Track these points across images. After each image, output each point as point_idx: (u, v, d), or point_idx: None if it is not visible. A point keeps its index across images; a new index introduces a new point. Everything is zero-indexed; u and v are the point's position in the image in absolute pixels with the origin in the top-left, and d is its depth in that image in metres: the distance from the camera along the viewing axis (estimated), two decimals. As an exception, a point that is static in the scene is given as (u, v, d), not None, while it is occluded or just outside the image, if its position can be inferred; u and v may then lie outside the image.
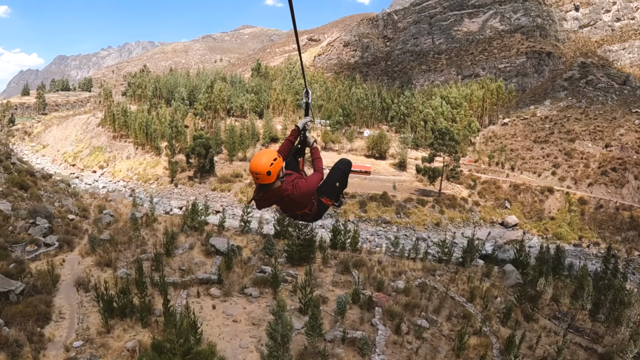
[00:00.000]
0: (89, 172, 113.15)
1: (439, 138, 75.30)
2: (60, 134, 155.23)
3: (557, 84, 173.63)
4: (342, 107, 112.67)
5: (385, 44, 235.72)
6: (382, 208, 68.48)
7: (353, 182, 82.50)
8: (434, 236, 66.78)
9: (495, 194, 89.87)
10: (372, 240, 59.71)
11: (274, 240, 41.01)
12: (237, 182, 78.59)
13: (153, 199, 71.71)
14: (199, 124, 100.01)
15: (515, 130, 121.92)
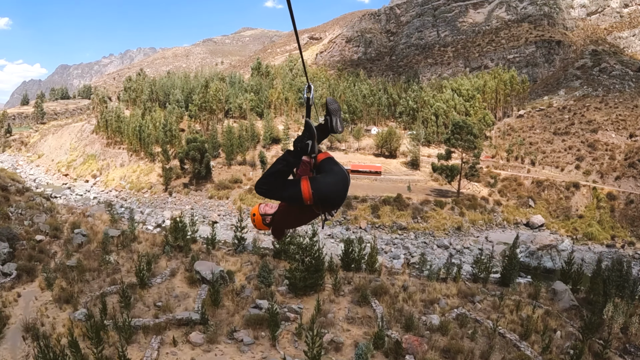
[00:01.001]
0: (82, 181, 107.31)
1: (455, 133, 68.14)
2: (55, 142, 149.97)
3: (570, 73, 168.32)
4: (347, 104, 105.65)
5: (389, 38, 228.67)
6: (397, 212, 61.45)
7: (363, 184, 75.48)
8: (456, 242, 59.71)
9: (517, 191, 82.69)
10: (388, 251, 52.68)
11: (274, 261, 34.20)
12: (236, 188, 71.90)
13: (133, 214, 65.26)
14: (194, 126, 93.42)
15: (533, 122, 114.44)
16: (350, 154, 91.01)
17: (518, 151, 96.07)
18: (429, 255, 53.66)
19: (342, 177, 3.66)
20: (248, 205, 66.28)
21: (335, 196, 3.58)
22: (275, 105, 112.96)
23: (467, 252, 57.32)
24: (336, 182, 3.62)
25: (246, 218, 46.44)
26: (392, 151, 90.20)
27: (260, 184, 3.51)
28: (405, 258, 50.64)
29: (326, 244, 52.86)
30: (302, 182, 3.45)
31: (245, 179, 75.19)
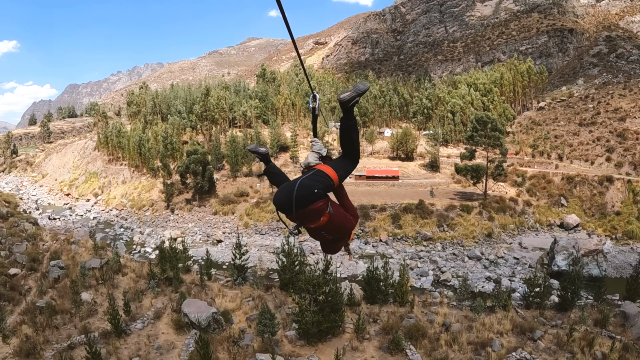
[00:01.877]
0: (84, 200, 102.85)
1: (478, 129, 61.78)
2: (58, 161, 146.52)
3: (586, 61, 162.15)
4: (357, 106, 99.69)
5: (396, 38, 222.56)
6: (420, 221, 55.11)
7: (380, 190, 69.37)
8: (488, 251, 53.14)
9: (547, 189, 75.88)
10: (414, 267, 46.29)
11: (281, 294, 28.27)
12: (242, 202, 66.22)
13: (117, 239, 60.24)
14: (196, 138, 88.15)
15: (556, 114, 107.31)
16: (363, 158, 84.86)
17: (544, 146, 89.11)
18: (460, 268, 47.26)
19: (287, 185, 3.69)
20: (255, 221, 60.55)
21: (276, 200, 3.65)
22: (282, 112, 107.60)
23: (502, 262, 50.77)
24: (281, 189, 3.69)
25: (248, 238, 40.81)
26: (408, 153, 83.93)
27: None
28: (434, 275, 44.27)
29: (343, 262, 46.78)
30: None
31: (252, 191, 69.47)
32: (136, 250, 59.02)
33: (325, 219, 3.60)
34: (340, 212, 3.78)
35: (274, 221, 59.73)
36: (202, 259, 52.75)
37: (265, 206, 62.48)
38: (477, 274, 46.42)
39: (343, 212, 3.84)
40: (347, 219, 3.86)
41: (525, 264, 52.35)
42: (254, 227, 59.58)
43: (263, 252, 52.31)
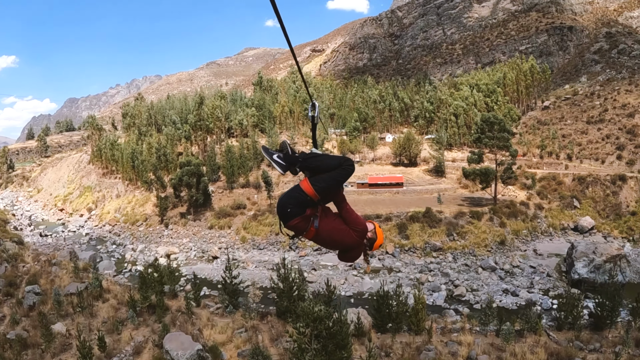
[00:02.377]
0: (78, 215, 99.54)
1: (486, 130, 58.56)
2: (54, 176, 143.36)
3: (587, 59, 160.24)
4: (357, 111, 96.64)
5: (393, 42, 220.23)
6: (428, 230, 51.68)
7: (384, 198, 66.06)
8: (502, 260, 49.63)
9: (559, 191, 72.62)
10: (425, 281, 42.75)
11: (278, 323, 24.87)
12: (239, 214, 62.86)
13: (97, 259, 56.50)
14: (190, 149, 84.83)
15: (562, 113, 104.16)
16: (365, 165, 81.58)
17: (552, 146, 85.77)
18: (474, 281, 43.77)
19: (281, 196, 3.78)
20: (253, 235, 57.15)
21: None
22: (280, 120, 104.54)
23: (518, 272, 47.29)
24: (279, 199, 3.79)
25: (245, 254, 37.81)
26: (412, 158, 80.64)
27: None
28: (447, 289, 40.74)
29: (348, 277, 43.31)
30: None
31: (249, 203, 66.15)
32: (127, 269, 55.57)
33: (312, 234, 3.66)
34: (332, 227, 3.69)
35: (272, 235, 56.34)
36: (195, 278, 49.36)
37: (263, 219, 59.15)
38: (492, 286, 42.95)
39: (337, 226, 3.72)
40: (344, 233, 3.72)
41: (543, 272, 48.94)
42: (251, 241, 56.20)
43: (261, 268, 48.88)
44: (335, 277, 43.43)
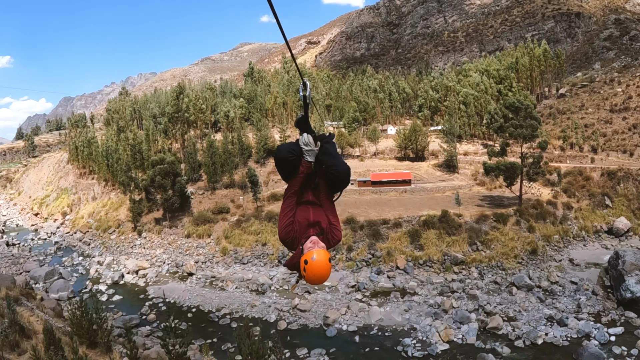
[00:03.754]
0: (52, 220, 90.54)
1: (511, 117, 49.55)
2: (35, 177, 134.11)
3: (598, 45, 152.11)
4: (356, 101, 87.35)
5: (392, 31, 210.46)
6: (447, 238, 42.66)
7: (390, 198, 57.00)
8: (536, 274, 40.68)
9: (587, 188, 63.71)
10: (449, 308, 33.55)
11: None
12: (220, 220, 53.70)
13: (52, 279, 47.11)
14: (168, 144, 75.28)
15: (581, 101, 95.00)
16: (367, 160, 72.44)
17: (576, 137, 76.73)
18: (509, 305, 34.76)
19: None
20: (235, 246, 47.96)
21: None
22: (273, 113, 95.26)
23: (558, 290, 38.40)
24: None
25: (225, 269, 29.11)
26: (418, 152, 71.51)
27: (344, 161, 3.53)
28: (478, 320, 31.65)
29: (351, 304, 34.21)
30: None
31: (233, 206, 56.97)
32: (86, 289, 46.48)
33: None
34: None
35: (258, 245, 47.28)
36: (165, 300, 40.36)
37: (248, 226, 50.01)
38: (533, 312, 34.04)
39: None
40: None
41: (587, 289, 40.17)
42: (233, 253, 47.08)
43: (243, 289, 39.82)
44: (334, 303, 34.52)
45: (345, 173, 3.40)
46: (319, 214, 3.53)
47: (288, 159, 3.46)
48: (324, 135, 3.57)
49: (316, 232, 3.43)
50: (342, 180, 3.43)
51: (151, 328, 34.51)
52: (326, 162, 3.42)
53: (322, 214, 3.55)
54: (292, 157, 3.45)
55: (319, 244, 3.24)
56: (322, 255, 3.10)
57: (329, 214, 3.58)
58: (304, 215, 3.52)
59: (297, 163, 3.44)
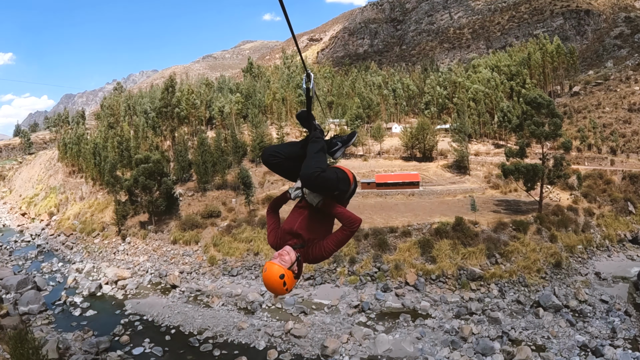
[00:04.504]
0: (39, 221, 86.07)
1: (532, 115, 44.67)
2: (26, 175, 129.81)
3: (608, 44, 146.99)
4: (359, 96, 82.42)
5: (396, 27, 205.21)
6: (462, 249, 37.78)
7: (397, 202, 52.14)
8: (562, 291, 35.82)
9: (608, 192, 58.95)
10: (467, 335, 28.61)
11: None
12: (210, 225, 48.83)
13: (24, 288, 42.74)
14: (157, 141, 70.20)
15: (598, 99, 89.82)
16: (371, 160, 67.50)
17: (594, 137, 71.75)
18: (536, 330, 29.91)
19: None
20: (224, 255, 43.09)
21: (356, 185, 3.52)
22: (271, 110, 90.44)
23: (588, 311, 33.53)
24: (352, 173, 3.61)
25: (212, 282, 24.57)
26: (426, 152, 66.63)
27: (318, 164, 3.20)
28: (502, 351, 26.69)
29: (353, 330, 29.31)
30: (342, 167, 3.45)
31: (224, 210, 52.08)
32: (60, 301, 41.72)
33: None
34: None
35: (249, 255, 42.40)
36: (142, 318, 35.56)
37: (238, 232, 45.11)
38: (563, 338, 29.22)
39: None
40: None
41: (620, 309, 35.31)
42: (222, 263, 42.23)
43: (230, 307, 34.96)
44: (334, 327, 29.68)
45: (307, 177, 3.15)
46: (305, 223, 3.40)
47: (270, 163, 3.41)
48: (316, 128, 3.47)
49: (294, 243, 3.35)
50: (307, 185, 3.23)
51: (122, 353, 29.80)
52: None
53: (310, 223, 3.41)
54: (274, 160, 3.39)
55: (282, 258, 3.17)
56: (270, 271, 3.07)
57: (318, 225, 3.42)
58: (290, 223, 3.46)
59: (284, 166, 3.39)
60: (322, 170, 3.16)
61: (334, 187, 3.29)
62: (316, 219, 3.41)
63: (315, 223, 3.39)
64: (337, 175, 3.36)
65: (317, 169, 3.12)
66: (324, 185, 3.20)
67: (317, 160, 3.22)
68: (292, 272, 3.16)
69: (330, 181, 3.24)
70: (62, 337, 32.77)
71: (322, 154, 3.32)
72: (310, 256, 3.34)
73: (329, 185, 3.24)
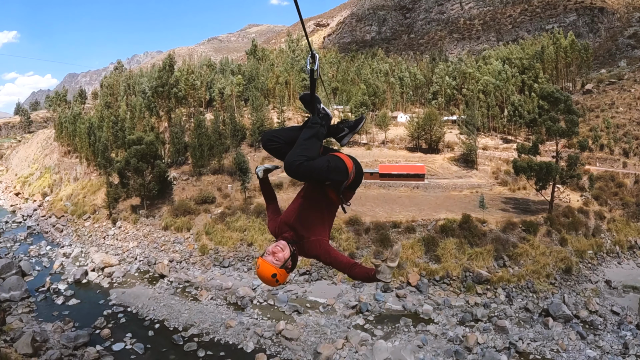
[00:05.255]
0: (32, 201, 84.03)
1: (548, 110, 42.09)
2: (23, 153, 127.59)
3: (622, 43, 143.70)
4: (365, 83, 79.60)
5: (404, 15, 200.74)
6: (468, 249, 35.49)
7: (400, 195, 49.81)
8: (572, 300, 33.66)
9: (620, 196, 56.24)
10: (472, 346, 26.40)
11: None
12: (203, 212, 46.58)
13: (7, 273, 40.43)
14: (155, 123, 67.58)
15: (611, 99, 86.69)
16: (374, 149, 65.01)
17: (608, 138, 69.01)
18: (545, 343, 27.76)
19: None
20: (217, 244, 40.92)
21: (362, 174, 3.41)
22: (273, 94, 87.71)
23: (599, 322, 31.38)
24: (357, 161, 3.44)
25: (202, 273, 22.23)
26: (432, 143, 64.06)
27: (303, 153, 3.02)
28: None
29: (350, 334, 27.13)
30: (340, 155, 3.29)
31: (219, 195, 49.79)
32: (44, 287, 39.61)
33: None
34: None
35: (243, 245, 40.18)
36: (126, 310, 33.47)
37: (232, 221, 42.83)
38: (573, 352, 27.08)
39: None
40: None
41: (631, 322, 33.19)
42: (213, 253, 40.08)
43: (219, 301, 32.84)
44: (329, 330, 27.55)
45: (287, 166, 3.00)
46: (303, 217, 3.32)
47: (269, 147, 3.35)
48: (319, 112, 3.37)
49: (290, 236, 3.31)
50: (290, 174, 3.04)
51: (101, 349, 27.75)
52: None
53: (307, 217, 3.32)
54: (273, 145, 3.33)
55: (275, 256, 3.16)
56: (262, 269, 3.11)
57: (316, 222, 3.32)
58: (289, 213, 3.40)
59: (283, 150, 3.25)
60: (307, 158, 2.99)
61: (322, 177, 3.10)
62: (315, 213, 3.29)
63: (313, 218, 3.28)
64: (328, 164, 3.14)
65: (300, 158, 2.97)
66: (309, 175, 3.03)
67: (303, 148, 3.07)
68: (285, 269, 3.16)
69: (317, 171, 3.04)
70: (41, 328, 30.75)
71: (313, 140, 3.15)
72: (306, 252, 3.28)
73: (316, 175, 3.05)
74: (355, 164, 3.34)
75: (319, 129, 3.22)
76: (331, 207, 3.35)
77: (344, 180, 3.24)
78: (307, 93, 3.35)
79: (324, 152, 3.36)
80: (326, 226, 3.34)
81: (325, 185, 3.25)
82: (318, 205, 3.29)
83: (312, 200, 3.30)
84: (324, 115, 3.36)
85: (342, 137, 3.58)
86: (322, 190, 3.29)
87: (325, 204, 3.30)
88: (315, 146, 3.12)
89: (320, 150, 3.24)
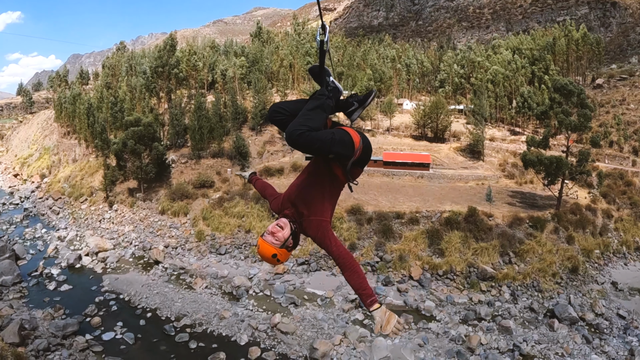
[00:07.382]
0: (31, 182, 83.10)
1: (560, 102, 40.51)
2: (23, 134, 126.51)
3: (633, 39, 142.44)
4: (371, 68, 77.75)
5: (413, 1, 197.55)
6: (474, 244, 34.29)
7: (404, 184, 48.56)
8: (578, 301, 32.49)
9: (628, 194, 54.93)
10: (475, 346, 25.27)
11: None
12: (201, 196, 45.42)
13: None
14: (155, 104, 66.04)
15: (622, 94, 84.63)
16: (379, 136, 63.51)
17: (618, 134, 67.32)
18: (550, 346, 26.75)
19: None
20: (214, 230, 39.83)
21: (370, 150, 3.29)
22: (277, 77, 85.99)
23: (605, 326, 30.23)
24: (366, 137, 3.29)
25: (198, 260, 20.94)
26: (438, 132, 62.53)
27: (305, 122, 2.84)
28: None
29: (348, 330, 26.06)
30: (348, 129, 3.17)
31: (218, 180, 48.58)
32: (36, 272, 38.55)
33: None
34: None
35: (240, 232, 39.08)
36: (118, 297, 32.48)
37: (230, 206, 41.69)
38: (579, 357, 25.96)
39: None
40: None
41: (637, 327, 32.06)
42: (210, 239, 39.03)
43: (214, 290, 31.82)
44: (326, 325, 26.49)
45: (288, 135, 2.80)
46: (305, 194, 3.22)
47: (274, 119, 3.21)
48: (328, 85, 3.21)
49: (291, 213, 3.24)
50: (290, 144, 2.85)
51: (91, 338, 26.78)
52: None
53: (309, 194, 3.20)
54: (278, 117, 3.19)
55: (274, 236, 3.10)
56: (262, 249, 3.07)
57: (318, 200, 3.19)
58: (291, 189, 3.33)
59: (288, 123, 2.99)
60: (309, 128, 2.80)
61: (325, 149, 2.90)
62: (316, 190, 3.18)
63: (314, 195, 3.17)
64: (333, 136, 2.96)
65: (302, 127, 2.79)
66: (310, 145, 2.82)
67: (307, 118, 2.90)
68: (286, 248, 3.10)
69: (319, 142, 2.85)
70: (30, 315, 29.77)
71: (318, 112, 2.99)
72: (307, 231, 3.21)
73: (318, 146, 2.85)
74: (362, 138, 3.14)
75: (325, 101, 3.04)
76: (335, 185, 3.18)
77: (348, 154, 3.05)
78: (317, 65, 3.24)
79: (332, 127, 3.23)
80: (327, 205, 3.17)
81: (331, 160, 3.09)
82: (321, 182, 3.17)
83: (316, 176, 3.20)
84: (332, 88, 3.17)
85: (352, 112, 3.38)
86: (327, 165, 3.14)
87: (329, 180, 3.15)
88: (319, 117, 2.93)
89: (325, 123, 3.15)
